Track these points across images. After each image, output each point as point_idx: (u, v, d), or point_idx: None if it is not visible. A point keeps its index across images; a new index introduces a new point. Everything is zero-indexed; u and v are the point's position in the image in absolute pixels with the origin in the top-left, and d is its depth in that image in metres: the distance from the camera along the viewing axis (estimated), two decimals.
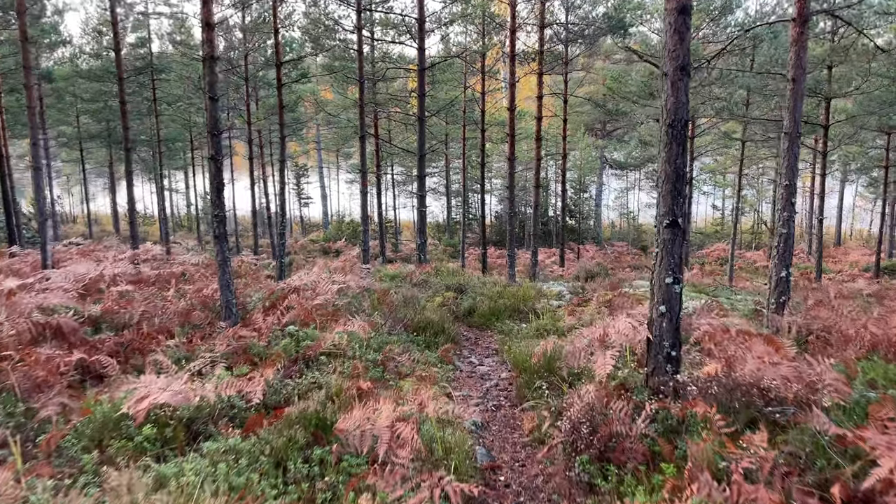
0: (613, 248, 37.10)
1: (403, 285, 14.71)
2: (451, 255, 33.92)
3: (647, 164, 43.93)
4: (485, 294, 12.18)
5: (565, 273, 20.45)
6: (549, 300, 12.50)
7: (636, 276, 16.44)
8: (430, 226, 46.65)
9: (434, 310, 10.81)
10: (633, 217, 43.31)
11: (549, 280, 16.65)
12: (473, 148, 30.81)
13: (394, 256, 32.57)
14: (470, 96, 23.89)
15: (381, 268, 20.45)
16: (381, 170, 23.80)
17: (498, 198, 43.12)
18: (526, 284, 14.13)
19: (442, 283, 13.71)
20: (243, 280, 15.05)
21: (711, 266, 29.63)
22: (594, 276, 14.84)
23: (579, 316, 10.43)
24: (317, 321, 7.97)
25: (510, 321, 10.91)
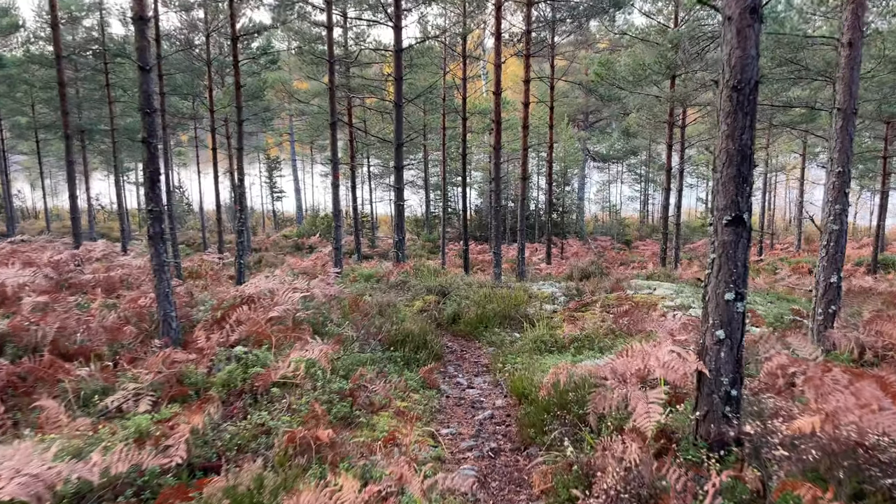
0: (597, 243, 36.01)
1: (379, 287, 13.36)
2: (430, 250, 32.58)
3: (629, 156, 42.91)
4: (470, 298, 10.85)
5: (554, 271, 19.22)
6: (542, 304, 11.21)
7: (630, 274, 15.24)
8: (408, 220, 45.20)
9: (414, 318, 9.47)
10: (616, 211, 42.30)
11: (538, 280, 15.39)
12: (454, 139, 29.42)
13: (371, 252, 31.15)
14: (450, 83, 22.50)
15: (356, 266, 19.05)
16: (356, 161, 22.32)
17: (478, 191, 41.79)
18: (516, 286, 12.84)
19: (422, 284, 12.37)
20: (201, 282, 13.57)
21: (703, 261, 28.59)
22: (589, 275, 13.57)
23: (580, 324, 9.16)
24: (272, 339, 6.57)
25: (500, 329, 9.61)
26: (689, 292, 11.93)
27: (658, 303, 10.05)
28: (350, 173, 22.41)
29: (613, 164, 44.55)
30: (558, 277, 15.13)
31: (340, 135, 22.38)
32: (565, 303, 11.42)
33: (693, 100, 20.65)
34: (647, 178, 44.14)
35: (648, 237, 39.12)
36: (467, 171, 20.81)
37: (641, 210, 45.25)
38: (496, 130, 14.05)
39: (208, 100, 19.11)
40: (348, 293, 10.31)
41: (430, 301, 11.30)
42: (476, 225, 38.65)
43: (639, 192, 45.43)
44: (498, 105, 13.99)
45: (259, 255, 27.57)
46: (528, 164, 16.02)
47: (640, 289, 12.17)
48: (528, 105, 15.80)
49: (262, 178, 46.68)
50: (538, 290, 12.73)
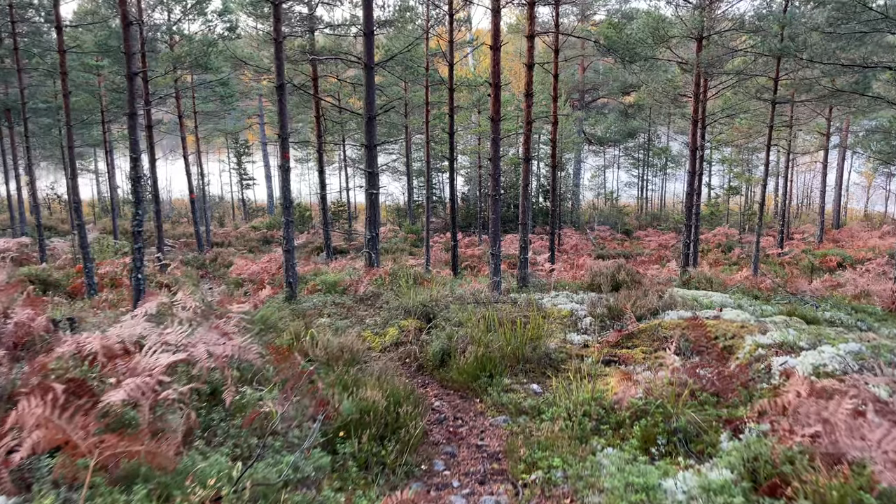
0: (595, 233, 32.97)
1: (343, 303, 10.14)
2: (413, 243, 29.37)
3: (627, 139, 39.87)
4: (465, 326, 7.65)
5: (567, 274, 16.08)
6: (566, 331, 8.06)
7: (663, 278, 12.14)
8: (389, 209, 41.88)
9: (382, 362, 6.24)
10: (615, 198, 39.23)
11: (547, 287, 12.22)
12: (439, 119, 26.13)
13: (347, 247, 27.87)
14: (434, 50, 19.20)
15: (321, 269, 15.81)
16: (325, 141, 18.93)
17: (465, 178, 38.57)
18: (522, 300, 9.67)
19: (398, 302, 9.14)
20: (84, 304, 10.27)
21: (715, 255, 25.65)
22: (618, 284, 10.42)
23: (634, 375, 6.03)
24: (94, 455, 3.34)
25: (512, 380, 6.44)
26: (764, 311, 8.82)
27: (738, 333, 6.92)
28: (318, 155, 19.09)
29: (610, 147, 41.47)
30: (573, 283, 11.96)
31: (306, 110, 19.12)
32: (597, 329, 8.27)
33: (720, 67, 17.55)
34: (645, 163, 41.11)
35: (649, 226, 36.15)
36: (454, 154, 17.63)
37: (640, 197, 42.25)
38: (494, 96, 10.82)
39: (141, 65, 15.67)
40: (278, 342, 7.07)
41: (408, 328, 8.10)
42: (463, 214, 35.44)
43: (637, 177, 42.41)
44: (497, 63, 10.74)
45: (217, 251, 24.21)
46: (514, 149, 12.81)
47: (693, 305, 9.04)
48: (531, 67, 12.61)
49: (231, 164, 43.08)
50: (553, 306, 9.58)
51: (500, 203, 11.28)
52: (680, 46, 19.63)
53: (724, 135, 27.63)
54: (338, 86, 21.31)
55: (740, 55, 18.40)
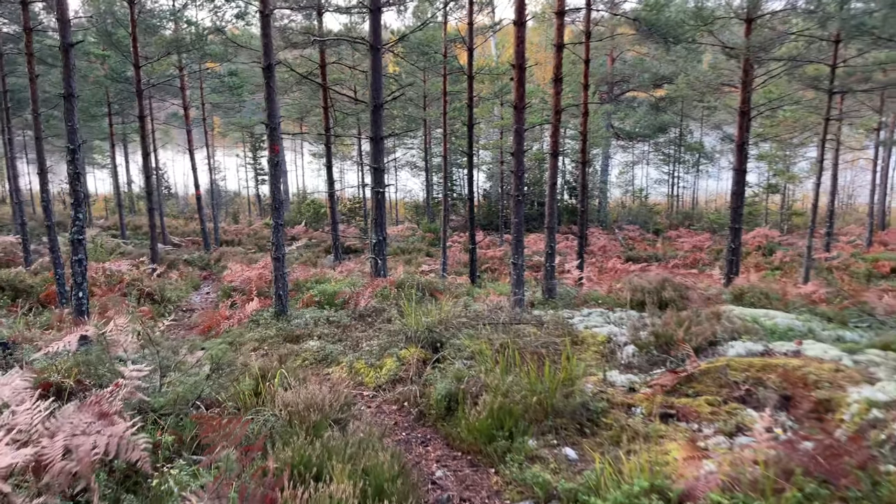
0: (624, 233, 31.19)
1: (337, 322, 8.67)
2: (431, 242, 27.86)
3: (657, 134, 37.92)
4: (479, 359, 6.12)
5: (601, 285, 14.46)
6: (605, 368, 6.50)
7: (712, 293, 10.46)
8: (407, 207, 40.42)
9: (366, 435, 4.66)
10: (644, 196, 37.28)
11: (577, 302, 10.63)
12: (458, 112, 24.55)
13: (361, 246, 26.45)
14: (453, 35, 17.63)
15: (327, 273, 14.37)
16: (333, 133, 17.39)
17: (486, 174, 36.95)
18: (550, 320, 8.11)
19: (401, 325, 7.61)
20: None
21: (755, 258, 23.78)
22: (665, 302, 8.80)
23: (705, 444, 4.48)
24: None
25: (539, 443, 4.92)
26: (849, 341, 7.16)
27: (833, 380, 5.30)
28: (325, 150, 17.61)
29: (639, 142, 39.56)
30: (607, 298, 10.34)
31: (315, 98, 17.68)
32: (643, 363, 6.69)
33: (771, 52, 15.76)
34: (677, 159, 39.13)
35: (681, 225, 34.25)
36: (474, 149, 16.05)
37: (670, 195, 40.27)
38: (518, 79, 9.25)
39: (132, 54, 14.31)
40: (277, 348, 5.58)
41: (410, 361, 6.60)
42: (484, 212, 33.86)
43: (667, 174, 40.42)
44: (521, 39, 9.16)
45: (224, 250, 22.93)
46: (538, 144, 11.21)
47: (755, 330, 7.40)
48: (561, 48, 11.02)
49: (247, 158, 41.91)
50: (587, 330, 8.01)
51: (524, 204, 9.71)
52: (723, 30, 17.87)
53: (765, 128, 25.70)
54: (350, 75, 19.75)
55: (792, 40, 16.58)
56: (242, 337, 8.41)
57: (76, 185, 6.27)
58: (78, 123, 6.00)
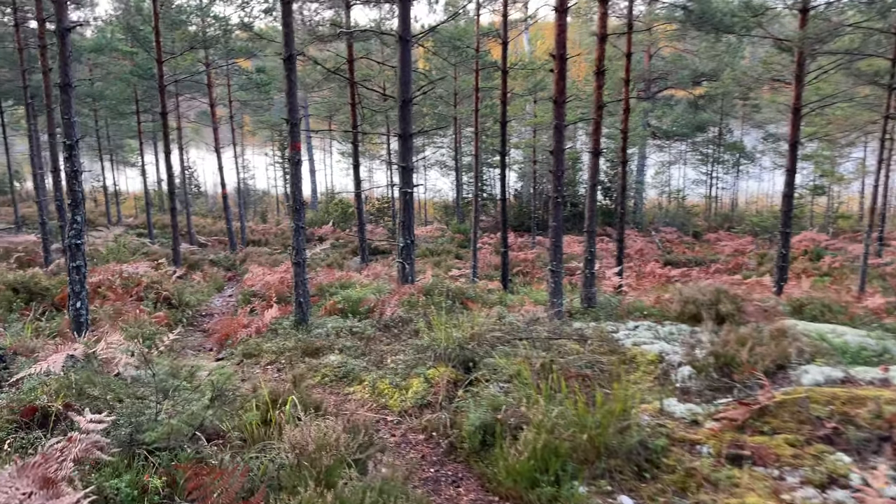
0: (661, 235, 30.14)
1: (360, 333, 8.02)
2: (460, 244, 27.17)
3: (696, 133, 36.69)
4: (518, 383, 5.41)
5: (632, 288, 13.63)
6: (661, 394, 5.73)
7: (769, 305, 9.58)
8: (437, 207, 39.77)
9: (386, 481, 3.96)
10: (682, 197, 36.07)
11: (620, 313, 9.83)
12: (490, 109, 23.78)
13: (390, 247, 25.86)
14: (486, 29, 16.91)
15: (353, 276, 13.76)
16: (360, 130, 16.72)
17: (518, 173, 36.12)
18: (594, 335, 7.35)
19: (429, 339, 6.92)
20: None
21: (802, 263, 22.60)
22: (722, 316, 7.95)
23: (787, 495, 3.74)
24: None
25: (590, 487, 4.20)
26: None
27: None
28: (352, 148, 17.01)
29: (676, 141, 38.36)
30: (652, 309, 9.52)
31: (343, 96, 17.07)
32: (704, 390, 5.90)
33: (826, 45, 14.73)
34: (715, 159, 37.85)
35: (720, 228, 33.04)
36: (506, 148, 15.30)
37: (708, 196, 38.98)
38: (558, 71, 8.50)
39: (156, 50, 13.88)
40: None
41: (439, 382, 5.90)
42: (515, 213, 33.06)
43: (705, 174, 39.14)
44: (562, 28, 8.42)
45: (250, 250, 22.50)
46: (573, 143, 10.44)
47: (824, 349, 6.57)
48: (604, 39, 10.23)
49: (276, 157, 41.66)
50: (635, 347, 7.24)
51: (561, 205, 8.96)
52: (772, 22, 16.85)
53: (818, 127, 24.44)
54: (379, 71, 19.04)
55: (848, 32, 15.52)
56: (259, 348, 7.82)
57: (74, 184, 5.70)
58: (76, 116, 5.43)
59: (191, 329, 10.68)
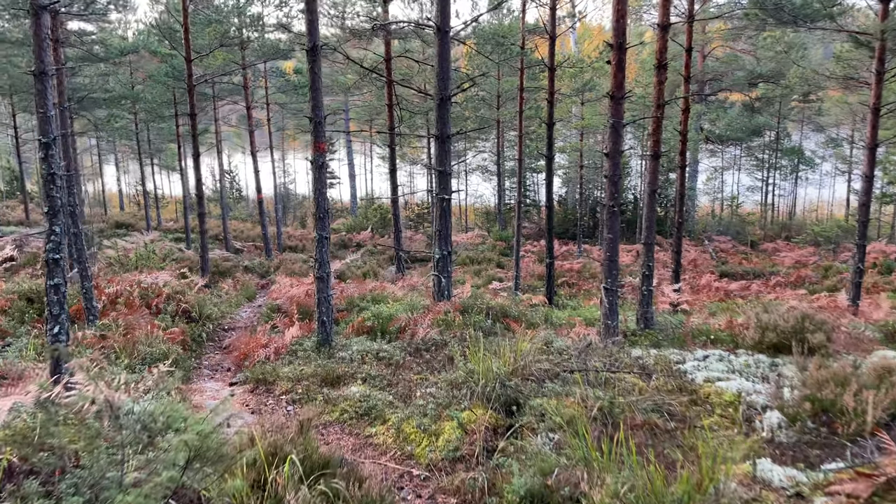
0: (714, 244, 28.57)
1: (386, 361, 7.11)
2: (502, 251, 26.11)
3: (751, 137, 34.89)
4: (577, 444, 4.40)
5: (689, 303, 12.43)
6: (755, 462, 4.64)
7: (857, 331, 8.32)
8: (478, 213, 38.76)
9: None
10: (736, 204, 34.31)
11: (684, 337, 8.69)
12: (534, 111, 22.72)
13: (428, 255, 24.95)
14: (531, 26, 15.88)
15: (387, 288, 12.87)
16: (398, 131, 15.74)
17: (562, 179, 34.89)
18: (658, 366, 6.28)
19: (465, 372, 5.94)
20: None
21: (871, 277, 20.89)
22: (812, 346, 6.75)
23: None
24: None
25: None
26: None
27: None
28: (389, 152, 16.13)
29: (730, 146, 36.60)
30: (722, 332, 8.35)
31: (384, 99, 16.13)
32: (800, 445, 4.80)
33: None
34: (771, 165, 35.97)
35: (777, 237, 31.25)
36: (553, 151, 14.25)
37: (763, 203, 37.09)
38: (616, 63, 7.45)
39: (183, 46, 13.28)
40: None
41: (475, 429, 4.92)
42: (560, 219, 31.85)
43: (760, 180, 37.25)
44: (621, 14, 7.37)
45: (285, 256, 21.87)
46: (660, 131, 9.33)
47: None
48: (667, 28, 9.13)
49: None
50: (707, 383, 6.15)
51: (619, 217, 7.90)
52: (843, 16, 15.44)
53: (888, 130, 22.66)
54: (419, 70, 18.18)
55: None
56: (275, 373, 6.96)
57: (51, 189, 4.91)
58: (53, 111, 4.65)
59: (211, 345, 9.92)
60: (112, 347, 7.79)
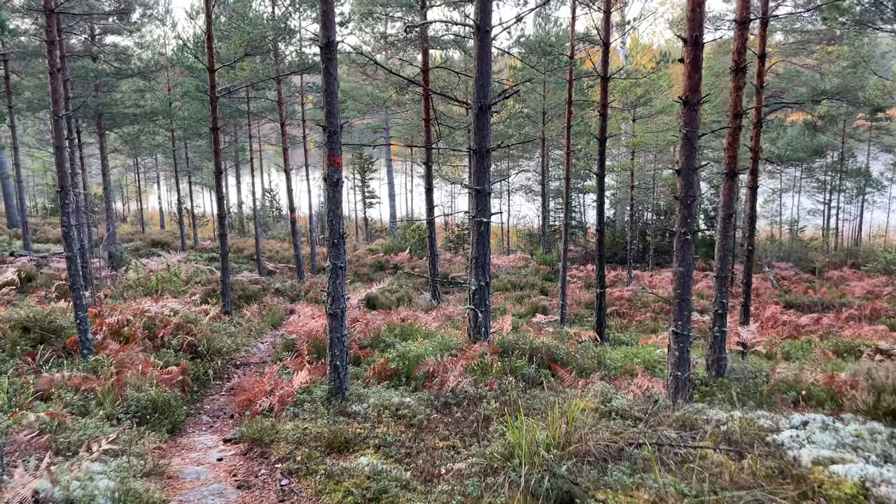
0: (775, 271, 26.58)
1: (407, 421, 5.86)
2: (545, 276, 24.68)
3: (813, 157, 32.80)
4: None
5: (754, 338, 10.90)
6: None
7: None
8: (520, 234, 37.36)
9: None
10: (798, 228, 32.18)
11: (762, 390, 7.23)
12: (582, 128, 21.39)
13: (465, 279, 23.70)
14: (581, 34, 14.62)
15: (420, 318, 11.68)
16: (436, 147, 14.49)
17: (610, 200, 33.30)
18: (747, 437, 4.89)
19: (507, 445, 4.66)
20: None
21: None
22: None
23: None
24: None
25: None
26: None
27: None
28: (425, 170, 14.97)
29: (790, 167, 34.54)
30: (820, 387, 6.86)
31: (419, 110, 15.05)
32: None
33: None
34: (835, 187, 33.76)
35: (843, 264, 29.04)
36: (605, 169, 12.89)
37: (826, 227, 34.81)
38: (691, 61, 6.14)
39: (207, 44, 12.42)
40: None
41: None
42: (608, 243, 30.24)
43: (822, 203, 35.03)
44: (698, 3, 6.08)
45: (316, 280, 20.89)
46: (737, 145, 7.96)
47: None
48: (746, 24, 7.78)
49: (355, 180, 40.56)
50: (817, 466, 4.72)
51: (693, 245, 6.53)
52: None
53: None
54: (459, 82, 16.99)
55: None
56: (274, 431, 5.78)
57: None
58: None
59: (217, 384, 8.82)
60: (93, 391, 6.73)
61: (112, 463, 5.02)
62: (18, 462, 4.38)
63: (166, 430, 6.43)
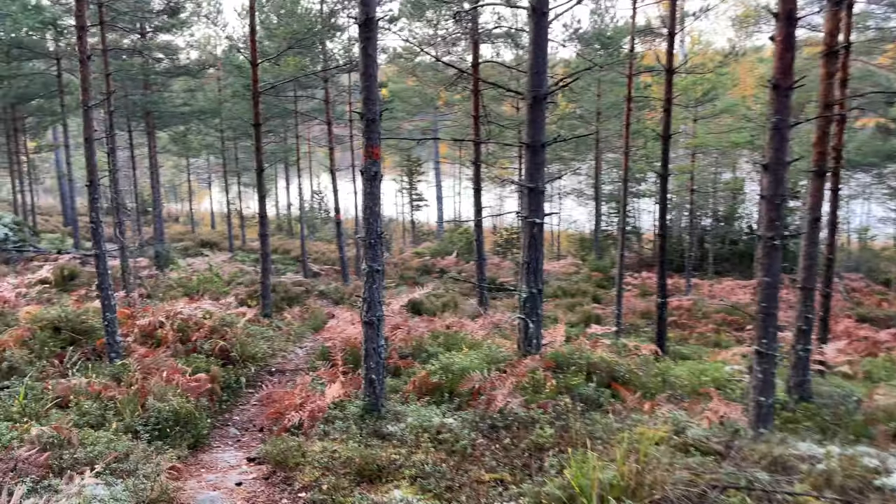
0: (845, 283, 24.94)
1: (448, 447, 5.16)
2: (598, 283, 23.71)
3: (886, 162, 30.84)
4: None
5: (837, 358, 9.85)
6: None
7: None
8: (571, 239, 36.32)
9: None
10: (868, 237, 30.26)
11: (855, 417, 6.31)
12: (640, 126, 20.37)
13: (515, 284, 22.89)
14: (641, 27, 13.72)
15: (466, 326, 11.00)
16: (485, 142, 13.73)
17: (670, 204, 31.98)
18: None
19: (565, 486, 3.93)
20: None
21: None
22: None
23: None
24: None
25: None
26: None
27: None
28: (474, 168, 14.25)
29: (859, 172, 32.56)
30: None
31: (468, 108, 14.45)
32: None
33: None
34: None
35: None
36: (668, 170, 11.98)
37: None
38: (783, 39, 5.30)
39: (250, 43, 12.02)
40: None
41: None
42: (658, 248, 29.07)
43: (893, 211, 32.94)
44: None
45: (359, 283, 20.34)
46: (828, 139, 7.06)
47: None
48: (840, 2, 6.88)
49: (403, 183, 40.14)
50: None
51: (780, 252, 5.65)
52: None
53: None
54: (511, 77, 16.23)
55: None
56: (301, 452, 5.17)
57: None
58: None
59: (250, 392, 8.30)
60: (114, 399, 6.26)
61: (118, 486, 4.49)
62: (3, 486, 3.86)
63: (187, 446, 5.89)
